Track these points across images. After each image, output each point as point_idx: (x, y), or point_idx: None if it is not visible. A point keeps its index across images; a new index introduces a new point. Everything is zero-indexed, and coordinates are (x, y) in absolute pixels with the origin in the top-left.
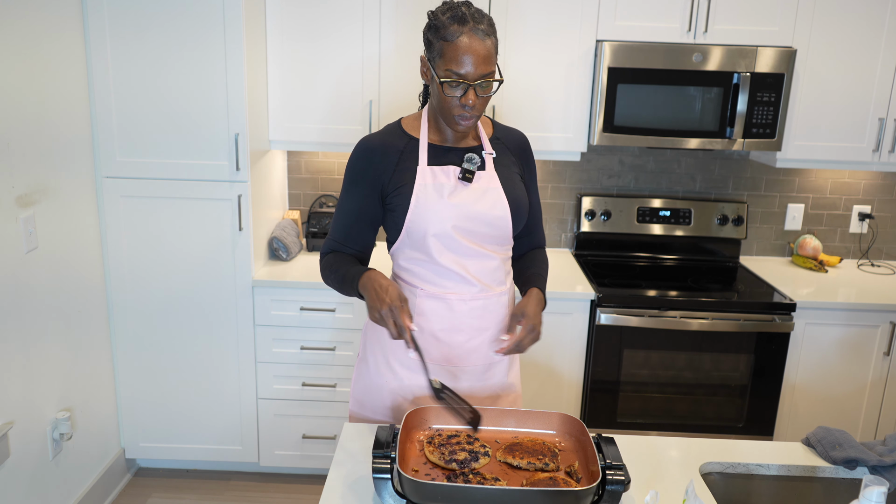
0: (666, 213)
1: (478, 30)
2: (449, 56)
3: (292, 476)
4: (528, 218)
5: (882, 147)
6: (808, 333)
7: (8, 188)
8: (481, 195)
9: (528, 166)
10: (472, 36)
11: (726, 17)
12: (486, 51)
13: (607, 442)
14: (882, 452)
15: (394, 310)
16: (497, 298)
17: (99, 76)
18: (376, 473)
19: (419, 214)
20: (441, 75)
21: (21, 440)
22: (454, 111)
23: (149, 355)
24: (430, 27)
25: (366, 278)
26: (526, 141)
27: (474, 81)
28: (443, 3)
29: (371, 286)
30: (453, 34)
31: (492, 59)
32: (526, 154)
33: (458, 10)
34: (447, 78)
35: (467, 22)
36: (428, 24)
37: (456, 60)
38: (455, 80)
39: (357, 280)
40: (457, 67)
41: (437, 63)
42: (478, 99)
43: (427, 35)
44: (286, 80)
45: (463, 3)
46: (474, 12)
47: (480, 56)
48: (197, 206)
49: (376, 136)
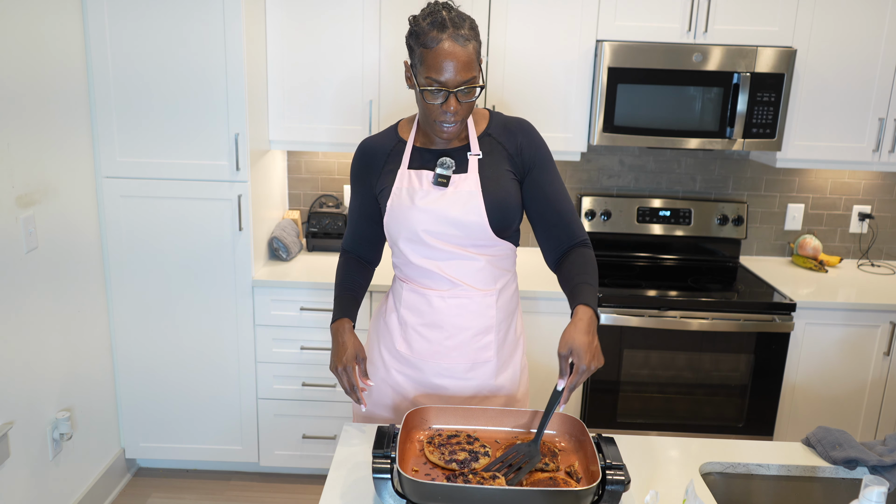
0: (666, 213)
1: (458, 36)
2: (429, 63)
3: (292, 476)
4: (548, 212)
5: (882, 147)
6: (808, 333)
7: (8, 188)
8: (456, 200)
9: (535, 156)
10: (452, 43)
11: (726, 17)
12: (466, 57)
13: (607, 442)
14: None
15: (347, 370)
16: (481, 299)
17: (99, 72)
18: (376, 473)
19: (393, 218)
20: (422, 83)
21: (21, 440)
22: (437, 118)
23: (149, 355)
24: (411, 33)
25: (333, 328)
26: (526, 132)
27: (455, 88)
28: (425, 5)
29: (334, 339)
30: (433, 41)
31: (473, 65)
32: (529, 146)
33: (437, 16)
34: (428, 86)
35: (447, 28)
36: (409, 29)
37: (436, 68)
38: (436, 87)
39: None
40: (437, 75)
41: (418, 70)
42: (460, 105)
43: (409, 41)
44: (286, 80)
45: (444, 6)
46: (455, 17)
47: (461, 63)
48: (197, 206)
49: (371, 139)
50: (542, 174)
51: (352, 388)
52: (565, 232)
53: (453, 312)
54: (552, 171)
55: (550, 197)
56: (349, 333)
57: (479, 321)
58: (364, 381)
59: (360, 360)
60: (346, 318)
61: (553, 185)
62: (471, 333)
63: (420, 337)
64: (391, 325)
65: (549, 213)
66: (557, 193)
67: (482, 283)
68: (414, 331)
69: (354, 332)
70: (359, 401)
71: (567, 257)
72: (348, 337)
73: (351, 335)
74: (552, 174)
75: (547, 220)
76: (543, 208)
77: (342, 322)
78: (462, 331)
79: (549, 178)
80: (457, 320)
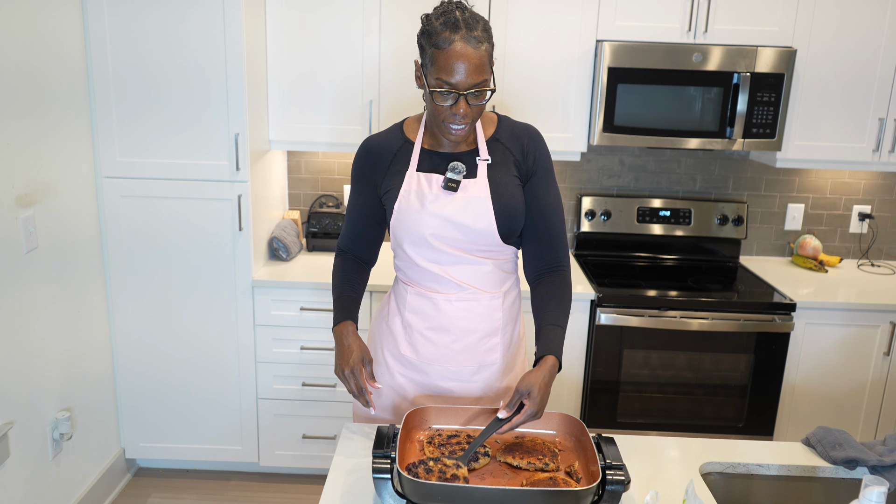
0: (666, 213)
1: (470, 37)
2: (440, 64)
3: (292, 476)
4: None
5: (882, 147)
6: (808, 333)
7: (8, 188)
8: (465, 205)
9: (539, 164)
10: (464, 44)
11: (726, 17)
12: (478, 59)
13: (607, 442)
14: (882, 452)
15: (355, 373)
16: (488, 302)
17: (99, 72)
18: (376, 473)
19: (400, 221)
20: (432, 84)
21: (21, 440)
22: (446, 120)
23: (149, 355)
24: (423, 32)
25: (336, 331)
26: (533, 138)
27: (465, 91)
28: (438, 4)
29: (338, 342)
30: (445, 41)
31: (485, 68)
32: (534, 152)
33: (451, 16)
34: (438, 87)
35: (459, 29)
36: (421, 28)
37: (447, 69)
38: (446, 89)
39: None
40: (448, 77)
41: (429, 70)
42: (469, 108)
43: (420, 40)
44: (286, 80)
45: (458, 5)
46: (468, 17)
47: (472, 65)
48: (197, 206)
49: (376, 137)
50: (540, 184)
51: (360, 391)
52: (549, 248)
53: (460, 316)
54: (550, 183)
55: (543, 209)
56: (353, 336)
57: (486, 324)
58: (371, 383)
59: (367, 363)
60: (348, 320)
61: (548, 197)
62: (478, 336)
63: (426, 341)
64: (395, 329)
65: (539, 226)
66: (550, 207)
67: (489, 286)
68: (420, 334)
69: (359, 335)
70: (367, 403)
71: (544, 282)
72: (353, 339)
73: (355, 337)
74: (550, 186)
75: (534, 231)
76: (534, 219)
77: (345, 324)
78: (469, 334)
79: (545, 189)
80: (464, 323)
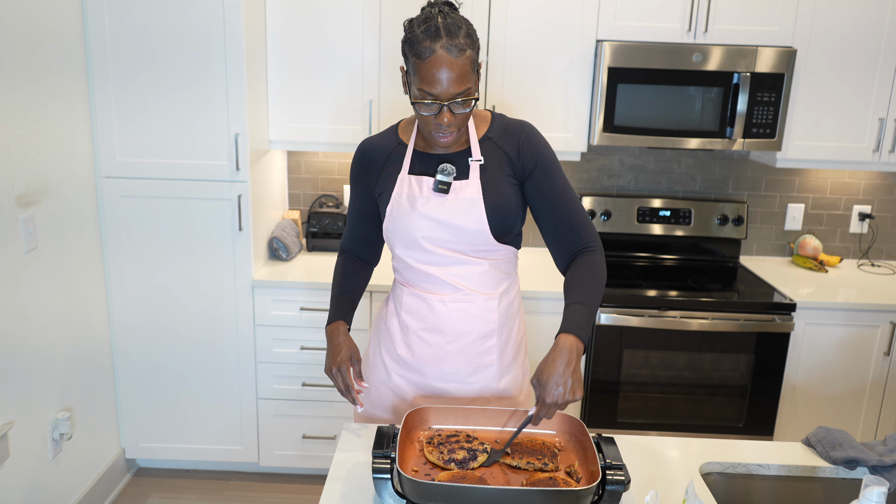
0: (666, 213)
1: (451, 46)
2: (421, 75)
3: (292, 476)
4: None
5: (882, 147)
6: (808, 333)
7: (8, 188)
8: (457, 207)
9: (538, 158)
10: (445, 53)
11: (726, 17)
12: (460, 69)
13: (607, 442)
14: (882, 452)
15: (342, 371)
16: (483, 303)
17: (99, 72)
18: (376, 473)
19: (392, 223)
20: (415, 94)
21: (21, 440)
22: (431, 129)
23: (149, 355)
24: (406, 40)
25: (328, 330)
26: (528, 133)
27: (448, 101)
28: (421, 10)
29: (329, 341)
30: (425, 51)
31: (467, 77)
32: (528, 147)
33: (432, 23)
34: (422, 98)
35: (440, 37)
36: (404, 35)
37: (428, 80)
38: (430, 100)
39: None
40: (429, 87)
41: (412, 79)
42: (454, 117)
43: (403, 48)
44: (286, 79)
45: (440, 11)
46: (450, 24)
47: (455, 75)
48: (197, 206)
49: (371, 139)
50: (544, 176)
51: (347, 389)
52: (571, 234)
53: (455, 317)
54: (555, 172)
55: (553, 198)
56: (344, 335)
57: (481, 325)
58: (359, 382)
59: (355, 362)
60: (341, 320)
61: (556, 185)
62: (472, 338)
63: (421, 341)
64: (392, 329)
65: (554, 215)
66: (561, 194)
67: (484, 286)
68: (415, 335)
69: (349, 335)
70: (354, 402)
71: (572, 267)
72: (343, 339)
73: (346, 337)
74: (555, 175)
75: (551, 222)
76: (547, 210)
77: (337, 324)
78: (463, 335)
79: (551, 179)
80: (458, 325)
